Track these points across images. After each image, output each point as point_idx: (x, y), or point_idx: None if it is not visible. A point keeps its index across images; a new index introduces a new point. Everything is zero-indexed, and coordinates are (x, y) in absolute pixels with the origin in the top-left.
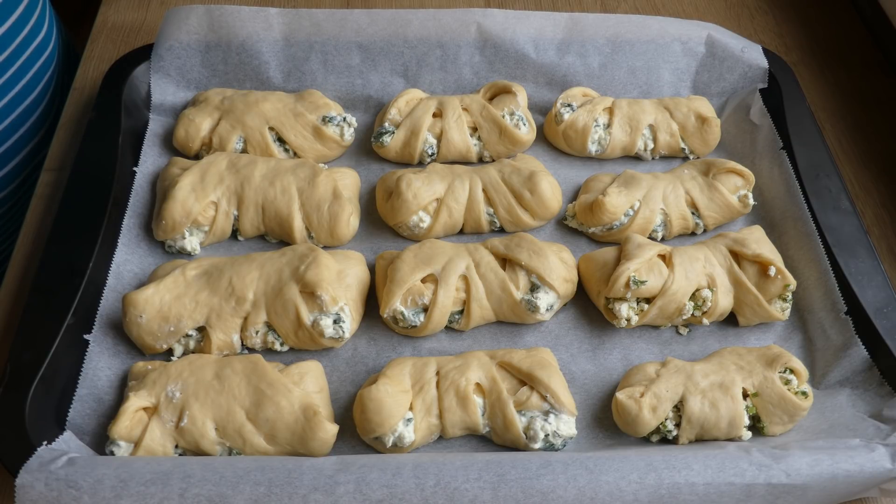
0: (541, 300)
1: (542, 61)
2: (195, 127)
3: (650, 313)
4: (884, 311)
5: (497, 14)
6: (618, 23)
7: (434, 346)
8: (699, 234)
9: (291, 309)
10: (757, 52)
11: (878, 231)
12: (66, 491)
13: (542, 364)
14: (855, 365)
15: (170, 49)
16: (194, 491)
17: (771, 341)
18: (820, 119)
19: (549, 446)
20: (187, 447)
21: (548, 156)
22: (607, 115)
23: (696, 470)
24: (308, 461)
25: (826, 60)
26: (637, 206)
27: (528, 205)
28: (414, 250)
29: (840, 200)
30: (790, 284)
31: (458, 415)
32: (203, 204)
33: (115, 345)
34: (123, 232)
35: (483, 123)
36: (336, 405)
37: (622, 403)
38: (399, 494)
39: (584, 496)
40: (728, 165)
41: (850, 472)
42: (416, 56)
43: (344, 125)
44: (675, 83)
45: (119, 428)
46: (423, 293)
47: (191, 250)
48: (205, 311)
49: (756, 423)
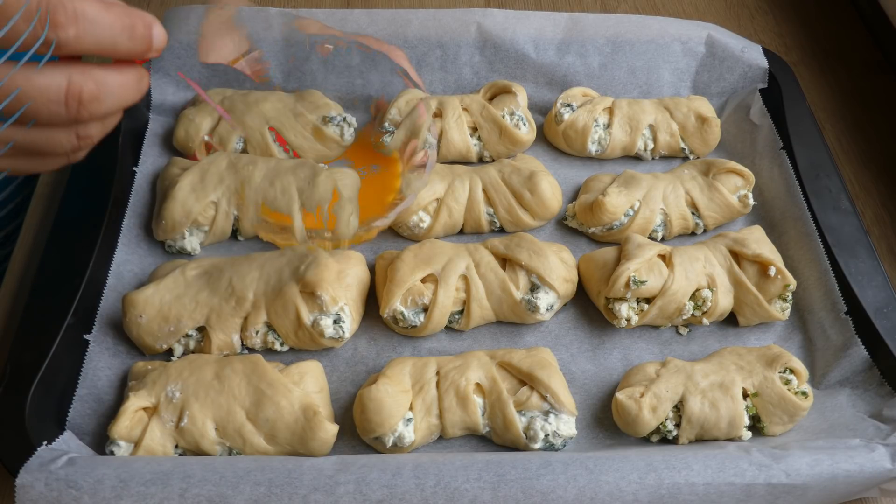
0: (541, 300)
1: (542, 61)
2: (195, 127)
3: (650, 313)
4: (884, 311)
5: (497, 14)
6: (618, 23)
7: (434, 346)
8: (699, 234)
9: (291, 309)
10: (757, 52)
11: (878, 231)
12: (66, 491)
13: (542, 364)
14: (855, 365)
15: (170, 49)
16: (194, 491)
17: (771, 341)
18: (820, 119)
19: (549, 446)
20: (187, 447)
21: (548, 156)
22: (607, 115)
23: (696, 470)
24: (308, 461)
25: (826, 60)
26: (637, 206)
27: (528, 205)
28: (414, 250)
29: (840, 200)
30: (790, 284)
31: (458, 415)
32: (203, 204)
33: (115, 345)
34: (123, 232)
35: (483, 123)
36: (336, 405)
37: (622, 403)
38: (399, 494)
39: (584, 496)
40: (728, 165)
41: (850, 472)
42: (416, 56)
43: (344, 125)
44: (675, 83)
45: (119, 428)
46: (423, 293)
47: (191, 250)
48: (205, 311)
49: (756, 423)
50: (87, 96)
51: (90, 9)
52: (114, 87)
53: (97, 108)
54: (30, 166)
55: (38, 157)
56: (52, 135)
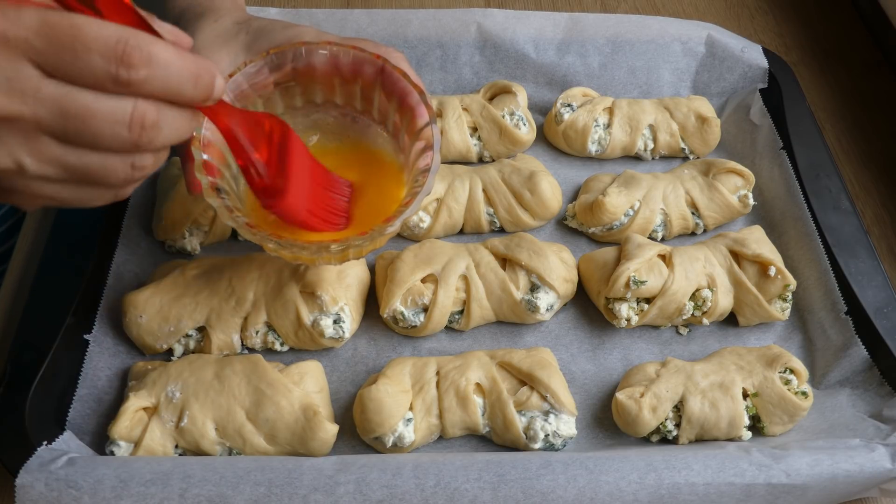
0: (541, 300)
1: (542, 61)
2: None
3: (650, 313)
4: (884, 311)
5: (497, 14)
6: (618, 23)
7: (434, 346)
8: (699, 234)
9: (291, 309)
10: (757, 52)
11: (878, 231)
12: (66, 491)
13: (542, 364)
14: (855, 365)
15: None
16: (194, 491)
17: (771, 341)
18: (820, 119)
19: (549, 446)
20: (187, 447)
21: (548, 156)
22: (607, 115)
23: (696, 470)
24: (308, 461)
25: (826, 60)
26: (637, 206)
27: (528, 205)
28: (414, 250)
29: (840, 200)
30: (790, 284)
31: (458, 415)
32: (203, 204)
33: (115, 345)
34: (123, 232)
35: (483, 123)
36: (336, 405)
37: (622, 403)
38: (399, 494)
39: (584, 496)
40: (728, 165)
41: (850, 472)
42: (416, 56)
43: None
44: (675, 83)
45: (119, 428)
46: (423, 293)
47: (191, 250)
48: (205, 312)
49: (756, 423)
50: (149, 122)
51: (164, 54)
52: (172, 120)
53: (156, 136)
54: (77, 196)
55: (89, 187)
56: (109, 161)
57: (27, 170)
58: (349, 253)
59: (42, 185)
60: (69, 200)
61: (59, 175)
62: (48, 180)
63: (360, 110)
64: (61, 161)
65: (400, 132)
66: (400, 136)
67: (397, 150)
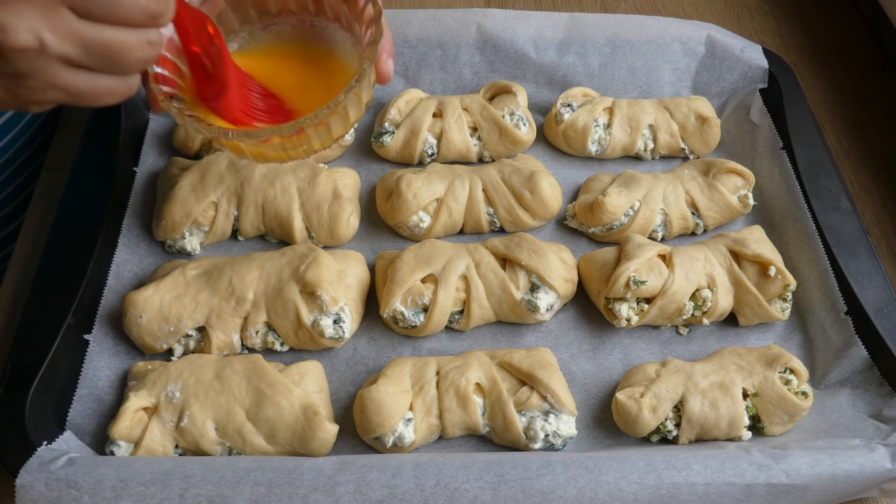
0: (541, 300)
1: (542, 61)
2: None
3: (650, 313)
4: (884, 311)
5: (497, 14)
6: (618, 23)
7: (434, 346)
8: (699, 234)
9: (291, 309)
10: (757, 52)
11: (878, 231)
12: (66, 491)
13: (542, 364)
14: (855, 365)
15: None
16: (194, 491)
17: (771, 341)
18: (820, 119)
19: (549, 446)
20: (187, 447)
21: (548, 156)
22: (607, 115)
23: (696, 470)
24: (308, 461)
25: (826, 60)
26: (637, 206)
27: (528, 205)
28: (414, 250)
29: (840, 200)
30: (790, 284)
31: (458, 415)
32: (203, 204)
33: (115, 345)
34: (123, 232)
35: (483, 123)
36: (336, 405)
37: (622, 403)
38: (399, 494)
39: (584, 496)
40: (728, 165)
41: (850, 472)
42: (416, 56)
43: None
44: (675, 83)
45: (119, 428)
46: (423, 293)
47: (191, 250)
48: (205, 311)
49: (756, 423)
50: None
51: None
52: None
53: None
54: (91, 85)
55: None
56: (127, 37)
57: (47, 46)
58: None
59: (59, 69)
60: (83, 91)
61: (79, 54)
62: (66, 63)
63: (314, 12)
64: (80, 36)
65: (353, 23)
66: (354, 28)
67: (357, 45)
